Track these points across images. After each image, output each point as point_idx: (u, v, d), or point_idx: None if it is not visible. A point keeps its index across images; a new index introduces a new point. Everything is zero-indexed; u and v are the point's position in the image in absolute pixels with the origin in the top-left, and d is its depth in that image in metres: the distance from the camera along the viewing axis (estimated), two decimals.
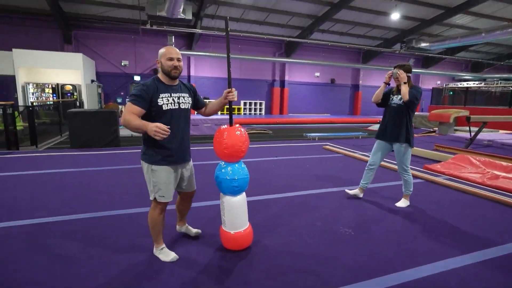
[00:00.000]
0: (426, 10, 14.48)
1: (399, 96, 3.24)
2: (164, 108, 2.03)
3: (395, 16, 13.76)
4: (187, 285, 1.91)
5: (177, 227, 2.61)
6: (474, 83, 21.54)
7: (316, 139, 8.81)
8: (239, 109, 17.74)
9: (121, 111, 14.76)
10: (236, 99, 2.16)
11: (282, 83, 18.54)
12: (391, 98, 3.37)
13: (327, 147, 7.22)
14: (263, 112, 18.33)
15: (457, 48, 19.50)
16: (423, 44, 15.77)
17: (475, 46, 19.64)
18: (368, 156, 6.08)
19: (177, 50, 2.14)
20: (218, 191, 2.30)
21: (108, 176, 4.40)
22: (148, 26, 12.94)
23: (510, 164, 4.71)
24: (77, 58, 11.91)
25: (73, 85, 11.96)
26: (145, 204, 3.28)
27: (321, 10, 14.25)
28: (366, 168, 3.56)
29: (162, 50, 2.09)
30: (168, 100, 2.05)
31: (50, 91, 11.74)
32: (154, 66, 15.69)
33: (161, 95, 2.03)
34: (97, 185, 3.98)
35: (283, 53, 17.98)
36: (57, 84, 11.79)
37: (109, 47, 14.92)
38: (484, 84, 21.62)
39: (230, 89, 2.19)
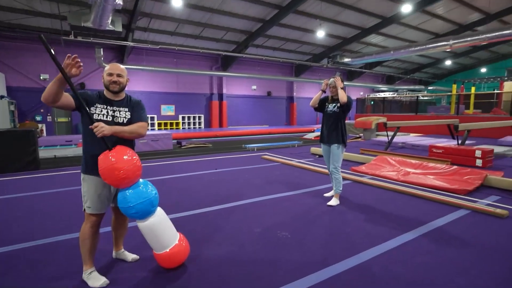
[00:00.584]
0: (346, 30, 16.24)
1: (334, 104, 3.79)
2: (95, 117, 2.04)
3: (320, 33, 15.11)
4: None
5: (113, 253, 2.44)
6: (389, 94, 24.69)
7: (255, 149, 9.06)
8: (177, 124, 17.28)
9: (41, 129, 13.18)
10: (106, 133, 1.91)
11: (220, 96, 18.70)
12: (327, 106, 3.88)
13: (266, 156, 7.48)
14: (202, 125, 18.16)
15: (374, 63, 22.18)
16: (346, 59, 17.56)
17: (387, 62, 22.61)
18: (304, 163, 6.51)
19: (121, 67, 2.17)
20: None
21: (26, 204, 3.87)
22: (71, 37, 11.93)
23: (417, 161, 5.50)
24: None
25: None
26: (72, 230, 2.98)
27: (254, 26, 14.92)
28: (330, 174, 3.95)
29: (105, 67, 2.20)
30: (101, 111, 2.08)
31: None
32: (80, 81, 14.44)
33: (96, 105, 2.08)
34: (12, 213, 3.47)
35: (220, 67, 18.22)
36: None
37: (24, 58, 13.28)
38: (397, 94, 24.93)
39: (92, 125, 1.92)
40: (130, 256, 2.42)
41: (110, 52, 14.85)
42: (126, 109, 2.17)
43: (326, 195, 4.15)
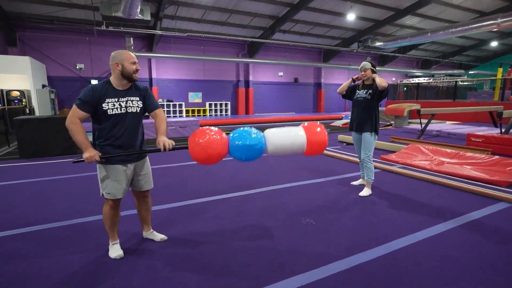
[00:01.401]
0: (378, 12, 15.36)
1: (365, 90, 3.58)
2: (109, 113, 2.08)
3: (351, 16, 14.44)
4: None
5: (143, 233, 2.56)
6: (424, 79, 23.30)
7: None
8: (204, 111, 17.55)
9: None
10: (168, 147, 2.12)
11: (247, 83, 18.65)
12: (357, 93, 3.67)
13: None
14: (229, 112, 18.30)
15: (408, 47, 20.91)
16: (378, 43, 16.70)
17: (423, 45, 21.20)
18: (331, 151, 6.35)
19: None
20: (177, 193, 2.28)
21: (65, 185, 4.15)
22: (103, 27, 12.35)
23: (453, 151, 5.17)
24: (24, 61, 11.03)
25: (20, 91, 11.06)
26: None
27: (282, 11, 14.55)
28: (360, 162, 3.87)
29: (121, 54, 2.13)
30: (114, 105, 2.09)
31: None
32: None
33: (107, 100, 2.07)
34: (55, 194, 3.74)
35: (246, 54, 18.09)
36: (1, 90, 10.84)
37: (62, 49, 14.01)
38: (433, 80, 23.44)
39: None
40: (159, 236, 2.52)
41: (140, 41, 15.23)
42: (138, 98, 2.19)
43: (353, 183, 4.03)
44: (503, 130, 7.10)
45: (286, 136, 2.23)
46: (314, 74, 21.36)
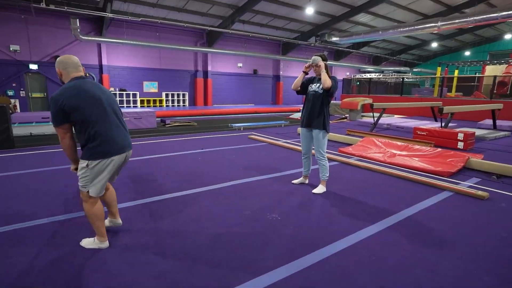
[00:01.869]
0: (335, 7, 15.87)
1: (318, 85, 3.44)
2: None
3: (309, 10, 14.70)
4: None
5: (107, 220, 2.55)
6: (375, 75, 24.82)
7: (242, 129, 8.93)
8: (160, 101, 16.77)
9: (14, 105, 12.44)
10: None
11: (205, 74, 18.17)
12: (310, 87, 3.54)
13: (253, 136, 7.39)
14: (186, 103, 17.72)
15: (361, 43, 22.02)
16: (334, 39, 17.30)
17: (375, 42, 22.51)
18: (290, 143, 6.46)
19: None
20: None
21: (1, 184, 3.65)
22: (42, 5, 11.03)
23: (403, 143, 5.56)
24: None
25: None
26: (44, 214, 2.83)
27: (241, 0, 14.30)
28: (302, 158, 3.81)
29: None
30: None
31: None
32: (54, 54, 13.54)
33: None
34: None
35: (205, 43, 17.57)
36: None
37: None
38: (382, 75, 25.09)
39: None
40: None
41: (87, 23, 13.93)
42: None
43: (294, 182, 3.87)
44: (442, 124, 7.83)
45: None
46: (273, 66, 21.54)
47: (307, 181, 3.90)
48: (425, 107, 11.62)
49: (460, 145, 5.99)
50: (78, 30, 12.26)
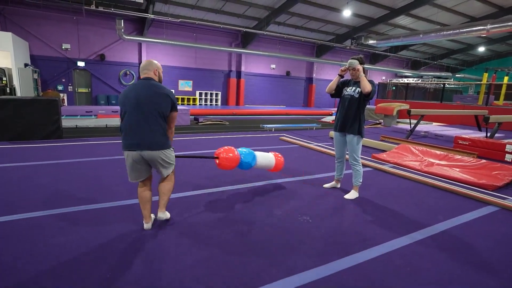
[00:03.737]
0: (373, 10, 15.41)
1: (353, 88, 3.34)
2: None
3: (346, 13, 14.42)
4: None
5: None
6: (413, 80, 23.73)
7: (273, 130, 8.96)
8: (194, 100, 17.28)
9: (63, 99, 13.46)
10: None
11: (239, 74, 18.45)
12: (345, 90, 3.44)
13: (284, 138, 7.39)
14: (219, 103, 18.10)
15: (399, 47, 21.16)
16: (371, 41, 16.79)
17: (414, 46, 21.51)
18: (322, 147, 6.39)
19: (144, 63, 2.50)
20: None
21: (51, 171, 3.99)
22: (92, 7, 11.85)
23: (442, 152, 5.29)
24: (6, 37, 10.45)
25: (1, 69, 10.52)
26: (94, 201, 3.06)
27: (278, 2, 14.35)
28: (336, 162, 3.76)
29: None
30: None
31: None
32: (100, 52, 14.47)
33: None
34: (39, 180, 3.59)
35: (240, 44, 17.84)
36: None
37: (47, 27, 13.37)
38: (421, 80, 23.92)
39: None
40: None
41: (131, 24, 14.74)
42: None
43: (325, 186, 3.81)
44: (488, 134, 7.33)
45: (265, 158, 3.57)
46: (306, 68, 21.36)
47: (338, 186, 3.85)
48: (468, 115, 10.94)
49: (509, 157, 5.58)
50: (122, 30, 13.01)
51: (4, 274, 1.87)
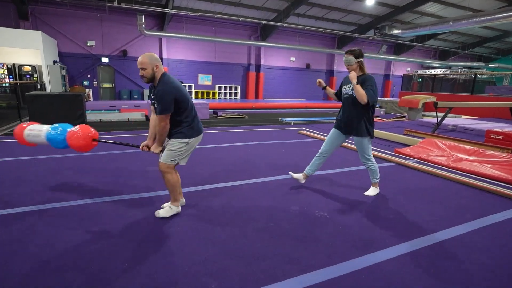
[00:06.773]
0: None
1: (350, 85, 2.98)
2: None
3: (369, 1, 13.88)
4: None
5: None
6: (440, 71, 22.57)
7: (292, 123, 8.84)
8: (213, 93, 17.37)
9: (88, 94, 13.94)
10: (154, 152, 2.56)
11: (258, 67, 18.31)
12: (344, 89, 3.11)
13: (303, 131, 7.26)
14: (238, 96, 18.09)
15: (426, 36, 20.12)
16: (395, 31, 16.07)
17: (443, 34, 20.37)
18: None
19: (141, 59, 2.34)
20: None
21: (74, 164, 4.13)
22: (115, 4, 12.11)
23: (472, 147, 4.99)
24: (36, 36, 10.94)
25: (32, 66, 11.04)
26: (116, 192, 3.13)
27: None
28: (317, 155, 3.39)
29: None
30: (152, 100, 2.48)
31: (6, 72, 10.76)
32: (122, 48, 14.83)
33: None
34: (63, 173, 3.73)
35: (259, 37, 17.66)
36: (13, 65, 10.82)
37: (73, 25, 13.84)
38: (450, 71, 22.72)
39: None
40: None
41: (151, 19, 14.94)
42: (153, 96, 2.43)
43: (293, 174, 3.50)
44: None
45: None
46: (327, 60, 20.85)
47: (304, 181, 3.52)
48: (501, 107, 10.27)
49: None
50: (143, 25, 13.23)
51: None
